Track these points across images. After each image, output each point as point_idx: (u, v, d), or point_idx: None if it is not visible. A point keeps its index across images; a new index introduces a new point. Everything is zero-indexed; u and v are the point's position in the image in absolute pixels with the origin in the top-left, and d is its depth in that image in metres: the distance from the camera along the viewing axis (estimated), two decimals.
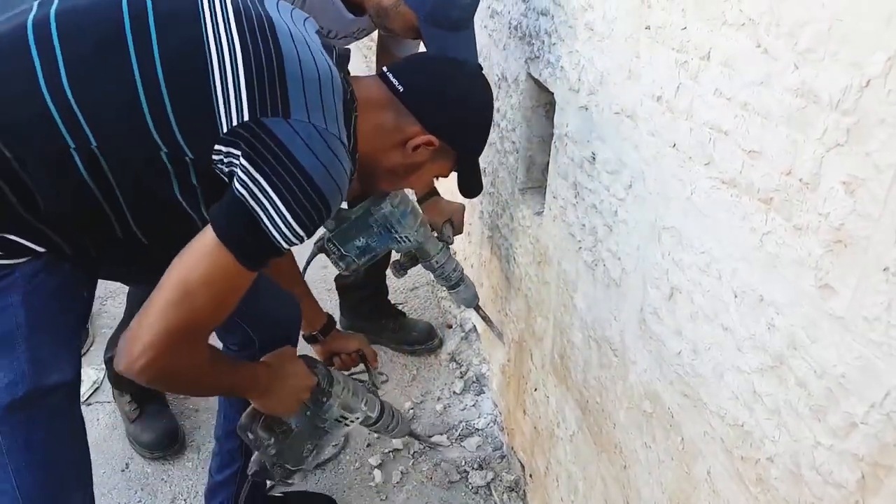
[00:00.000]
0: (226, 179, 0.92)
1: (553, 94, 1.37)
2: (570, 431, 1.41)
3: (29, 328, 0.97)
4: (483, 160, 1.49)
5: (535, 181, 1.67)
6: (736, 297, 0.80)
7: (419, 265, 1.83)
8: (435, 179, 1.25)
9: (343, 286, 2.22)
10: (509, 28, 1.62)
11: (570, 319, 1.36)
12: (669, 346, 0.97)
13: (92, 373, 2.09)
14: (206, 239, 0.90)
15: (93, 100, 0.89)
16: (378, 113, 1.08)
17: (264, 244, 0.91)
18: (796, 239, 0.69)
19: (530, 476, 1.73)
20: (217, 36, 0.91)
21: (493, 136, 1.77)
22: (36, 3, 0.96)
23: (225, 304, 0.94)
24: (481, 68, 1.19)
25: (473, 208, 2.11)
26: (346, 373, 1.61)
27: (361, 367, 1.61)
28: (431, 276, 1.83)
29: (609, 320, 1.17)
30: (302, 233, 0.92)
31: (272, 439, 1.24)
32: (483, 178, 1.26)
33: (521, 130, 1.63)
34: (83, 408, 1.15)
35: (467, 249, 2.38)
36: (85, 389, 2.03)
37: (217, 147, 0.89)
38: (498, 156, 1.81)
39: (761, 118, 0.72)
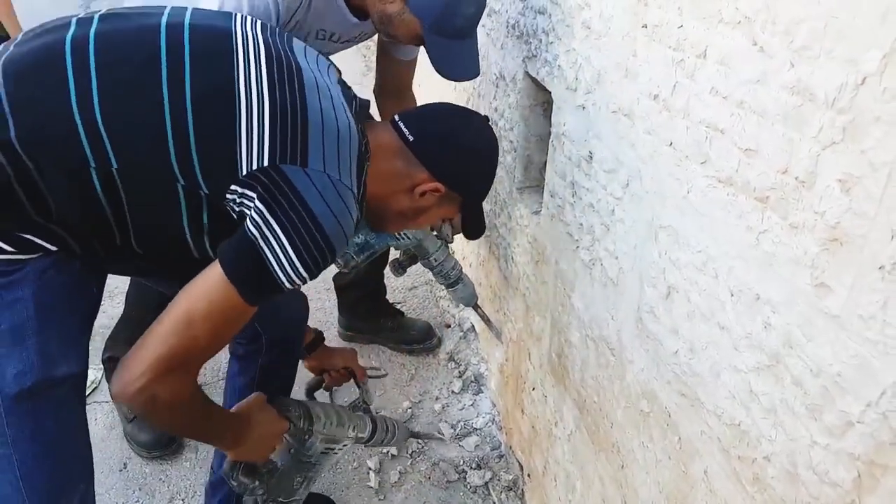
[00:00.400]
0: (235, 217, 0.96)
1: (550, 92, 1.37)
2: (568, 431, 1.41)
3: (38, 321, 0.99)
4: None
5: (533, 180, 1.67)
6: (732, 295, 0.80)
7: (418, 264, 1.84)
8: (441, 221, 1.30)
9: (341, 285, 2.21)
10: (507, 27, 1.62)
11: (568, 319, 1.36)
12: (666, 346, 0.96)
13: (90, 372, 2.08)
14: (213, 274, 0.94)
15: (120, 124, 0.92)
16: (389, 160, 1.13)
17: (268, 283, 0.94)
18: (792, 237, 0.69)
19: (528, 475, 1.73)
20: (248, 84, 0.95)
21: None
22: (74, 20, 0.99)
23: (223, 336, 1.00)
24: (487, 119, 1.25)
25: None
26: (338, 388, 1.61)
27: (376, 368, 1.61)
28: (430, 274, 1.83)
29: (606, 319, 1.17)
30: (306, 275, 0.96)
31: (256, 482, 1.24)
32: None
33: (518, 129, 1.63)
34: None
35: (465, 248, 2.37)
36: None
37: (233, 187, 0.93)
38: None
39: (757, 116, 0.72)
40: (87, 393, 2.04)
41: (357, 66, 4.71)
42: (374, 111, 1.41)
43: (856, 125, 0.59)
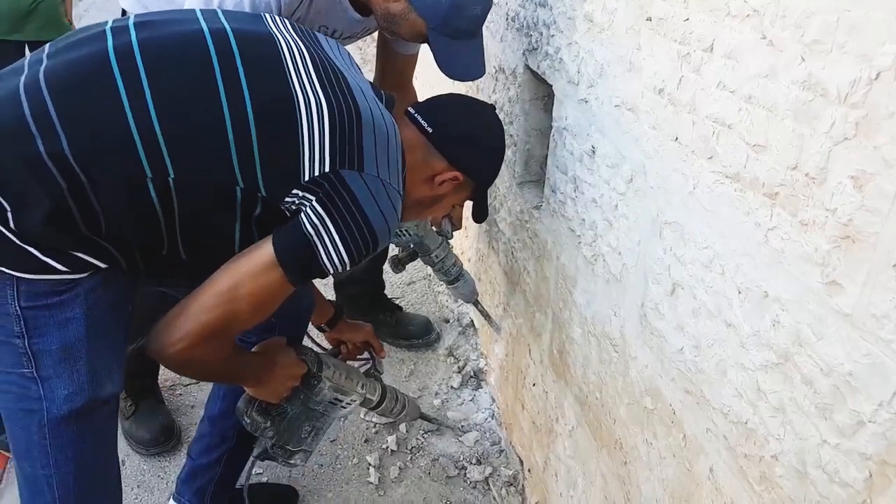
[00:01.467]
0: (289, 214, 1.00)
1: (551, 86, 1.36)
2: (570, 427, 1.40)
3: (89, 341, 1.01)
4: None
5: (534, 175, 1.66)
6: (740, 293, 0.79)
7: (417, 260, 1.82)
8: (452, 208, 1.37)
9: (340, 281, 2.20)
10: (507, 19, 1.60)
11: (570, 315, 1.35)
12: (671, 342, 0.96)
13: None
14: (263, 255, 0.98)
15: (180, 134, 0.93)
16: (412, 153, 1.15)
17: (314, 269, 1.01)
18: (802, 234, 0.68)
19: (529, 471, 1.72)
20: (305, 92, 0.99)
21: None
22: (108, 29, 0.98)
23: (263, 311, 1.03)
24: (494, 108, 1.28)
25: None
26: (351, 361, 1.62)
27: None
28: (430, 270, 1.82)
29: (609, 316, 1.16)
30: (349, 263, 1.02)
31: (268, 422, 1.28)
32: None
33: (518, 123, 1.61)
34: None
35: (465, 244, 2.36)
36: None
37: (294, 191, 0.97)
38: None
39: (766, 111, 0.71)
40: None
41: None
42: None
43: (869, 121, 0.58)
